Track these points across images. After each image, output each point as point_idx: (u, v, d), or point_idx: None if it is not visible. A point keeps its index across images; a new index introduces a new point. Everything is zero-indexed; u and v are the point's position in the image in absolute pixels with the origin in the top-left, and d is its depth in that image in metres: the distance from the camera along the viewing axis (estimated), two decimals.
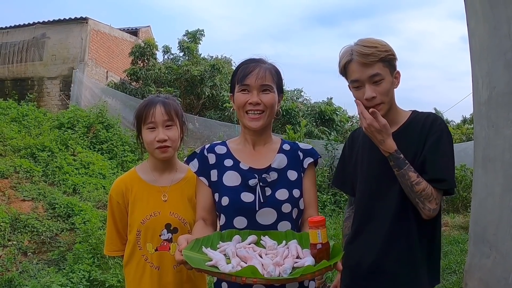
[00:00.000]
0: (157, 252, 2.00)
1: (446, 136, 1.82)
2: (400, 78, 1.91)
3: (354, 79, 1.84)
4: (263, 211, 1.74)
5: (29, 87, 15.38)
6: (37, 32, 15.72)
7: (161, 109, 2.01)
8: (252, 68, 1.80)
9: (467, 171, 8.83)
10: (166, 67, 15.95)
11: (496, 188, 1.70)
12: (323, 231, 1.44)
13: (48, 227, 5.78)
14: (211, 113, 15.38)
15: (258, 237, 1.64)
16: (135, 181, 2.10)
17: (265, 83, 1.79)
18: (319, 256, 1.43)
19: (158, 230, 2.01)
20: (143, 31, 19.89)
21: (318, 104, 15.89)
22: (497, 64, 1.67)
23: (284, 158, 1.87)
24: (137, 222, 2.02)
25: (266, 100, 1.79)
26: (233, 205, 1.76)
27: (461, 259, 5.62)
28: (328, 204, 8.78)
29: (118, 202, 2.07)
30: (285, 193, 1.77)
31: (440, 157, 1.79)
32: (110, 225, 2.12)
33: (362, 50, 1.80)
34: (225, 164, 1.85)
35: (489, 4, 1.72)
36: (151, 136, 2.00)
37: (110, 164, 8.90)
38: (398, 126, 1.90)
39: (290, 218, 1.77)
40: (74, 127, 9.74)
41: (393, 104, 1.91)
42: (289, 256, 1.48)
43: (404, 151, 1.82)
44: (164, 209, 2.03)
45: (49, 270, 4.84)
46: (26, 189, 6.64)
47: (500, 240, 1.65)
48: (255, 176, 1.79)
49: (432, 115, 1.90)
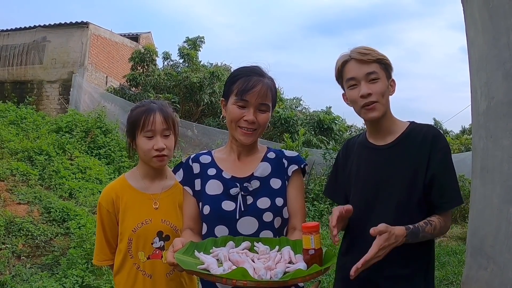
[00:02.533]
0: (149, 260, 1.98)
1: (450, 154, 1.85)
2: (395, 87, 1.92)
3: (350, 77, 1.85)
4: (243, 219, 1.73)
5: (29, 90, 15.38)
6: (38, 36, 15.74)
7: (161, 117, 1.99)
8: (254, 84, 1.75)
9: (466, 182, 8.83)
10: (165, 73, 15.99)
11: (494, 199, 1.68)
12: (316, 236, 1.44)
13: (43, 231, 5.75)
14: (209, 120, 15.39)
15: (251, 243, 1.64)
16: (125, 188, 2.06)
17: (265, 102, 1.78)
18: (312, 262, 1.43)
19: (150, 238, 1.98)
20: (143, 37, 19.94)
21: (317, 113, 15.94)
22: (496, 74, 1.66)
23: (268, 166, 1.85)
24: (128, 231, 1.99)
25: (261, 119, 1.78)
26: (214, 213, 1.75)
27: (458, 270, 5.60)
28: (325, 214, 8.76)
29: (108, 211, 2.04)
30: (266, 201, 1.76)
31: (452, 183, 1.81)
32: (100, 234, 2.07)
33: (360, 50, 1.84)
34: (209, 173, 1.84)
35: (488, 14, 1.71)
36: (149, 144, 1.97)
37: (107, 170, 8.88)
38: (395, 137, 1.89)
39: (272, 227, 1.75)
40: (72, 131, 9.73)
41: (388, 112, 1.90)
42: (281, 261, 1.48)
43: (402, 162, 1.82)
44: (156, 216, 2.00)
45: (42, 275, 4.82)
46: (22, 192, 6.61)
47: (497, 252, 1.63)
48: (237, 185, 1.77)
49: (432, 128, 1.89)
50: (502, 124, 1.62)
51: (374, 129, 1.94)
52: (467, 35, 1.99)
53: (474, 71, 1.92)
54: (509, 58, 1.56)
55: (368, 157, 1.94)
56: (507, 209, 1.57)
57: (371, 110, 1.83)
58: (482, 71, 1.80)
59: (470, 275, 1.87)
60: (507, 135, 1.58)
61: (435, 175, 1.79)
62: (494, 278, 1.65)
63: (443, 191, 1.78)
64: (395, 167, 1.84)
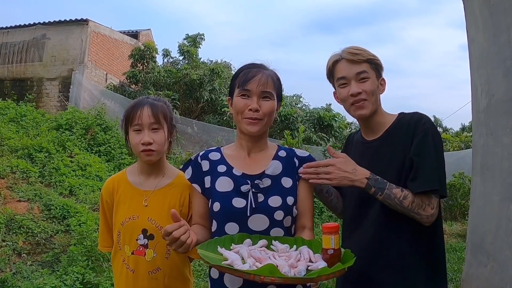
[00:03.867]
0: (133, 255, 1.98)
1: (432, 136, 1.77)
2: (385, 86, 1.95)
3: (341, 77, 1.89)
4: (254, 217, 1.72)
5: (28, 87, 15.37)
6: (37, 33, 15.72)
7: (148, 111, 1.96)
8: (254, 74, 1.78)
9: (466, 179, 8.83)
10: (165, 70, 15.95)
11: (494, 196, 1.68)
12: (336, 237, 1.49)
13: (43, 229, 5.76)
14: (209, 117, 15.38)
15: (268, 242, 1.65)
16: (122, 182, 2.09)
17: (266, 89, 1.78)
18: (331, 261, 1.47)
19: (135, 234, 1.98)
20: (143, 34, 19.90)
21: (316, 110, 15.91)
22: (496, 72, 1.66)
23: (279, 164, 1.85)
24: (118, 223, 2.02)
25: (266, 107, 1.78)
26: (225, 210, 1.74)
27: (458, 267, 5.61)
28: (325, 211, 8.75)
29: (107, 201, 2.09)
30: (278, 200, 1.75)
31: (427, 165, 1.73)
32: (102, 222, 2.15)
33: (351, 50, 1.87)
34: (218, 170, 1.83)
35: (489, 11, 1.71)
36: (137, 138, 1.97)
37: (107, 167, 8.89)
38: (384, 130, 1.91)
39: (282, 225, 1.75)
40: (72, 128, 9.74)
41: (379, 109, 1.93)
42: (301, 260, 1.50)
43: (390, 154, 1.83)
44: (143, 213, 1.99)
45: (42, 272, 4.82)
46: (22, 189, 6.62)
47: (497, 249, 1.64)
48: (248, 182, 1.77)
49: (416, 115, 1.86)
50: (503, 121, 1.62)
51: (365, 125, 1.98)
52: (468, 32, 1.99)
53: (475, 68, 1.92)
54: (509, 55, 1.56)
55: (361, 152, 1.97)
56: (507, 206, 1.57)
57: (360, 108, 1.86)
58: (482, 69, 1.80)
59: (470, 272, 1.87)
60: (508, 133, 1.58)
61: (412, 157, 1.75)
62: (494, 275, 1.65)
63: (416, 173, 1.73)
64: (384, 160, 1.85)
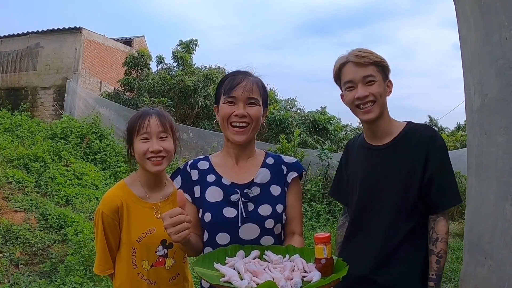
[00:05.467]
0: (153, 268, 1.97)
1: (447, 154, 1.87)
2: (392, 88, 1.95)
3: (348, 80, 1.88)
4: (245, 226, 1.73)
5: (23, 97, 15.32)
6: (31, 42, 15.68)
7: (157, 120, 1.96)
8: (240, 80, 1.78)
9: (462, 178, 8.84)
10: (159, 77, 15.94)
11: (490, 196, 1.69)
12: (328, 247, 1.50)
13: (40, 239, 5.71)
14: (205, 123, 15.36)
15: (261, 252, 1.65)
16: (129, 197, 2.01)
17: (252, 96, 1.78)
18: (324, 271, 1.48)
19: (154, 247, 1.97)
20: (137, 41, 19.90)
21: (312, 113, 15.94)
22: (489, 71, 1.67)
23: (267, 172, 1.85)
24: (132, 240, 1.96)
25: (252, 113, 1.77)
26: (216, 221, 1.74)
27: (456, 266, 5.61)
28: (322, 214, 8.76)
29: (112, 219, 1.96)
30: (268, 208, 1.76)
31: (449, 181, 1.83)
32: (102, 243, 1.98)
33: (357, 53, 1.87)
34: (208, 180, 1.83)
35: (480, 11, 1.72)
36: (144, 146, 1.94)
37: (103, 175, 8.85)
38: (393, 137, 1.91)
39: (273, 233, 1.76)
40: (67, 137, 9.69)
41: (385, 113, 1.92)
42: (295, 270, 1.51)
43: (399, 162, 1.85)
44: (159, 225, 1.94)
45: (40, 282, 4.79)
46: (18, 200, 6.57)
47: (495, 249, 1.64)
48: (237, 192, 1.77)
49: (428, 128, 1.93)
50: (496, 120, 1.63)
51: (371, 130, 1.96)
52: (460, 32, 2.00)
53: (467, 68, 1.93)
54: (501, 55, 1.57)
55: (366, 157, 1.96)
56: (503, 205, 1.57)
57: (367, 112, 1.86)
58: (475, 68, 1.81)
59: (468, 271, 1.88)
60: (502, 132, 1.59)
61: (433, 175, 1.80)
62: (492, 274, 1.65)
63: (442, 191, 1.80)
64: (392, 168, 1.86)
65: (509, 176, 1.54)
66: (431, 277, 1.76)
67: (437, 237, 1.78)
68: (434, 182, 1.80)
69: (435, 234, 1.79)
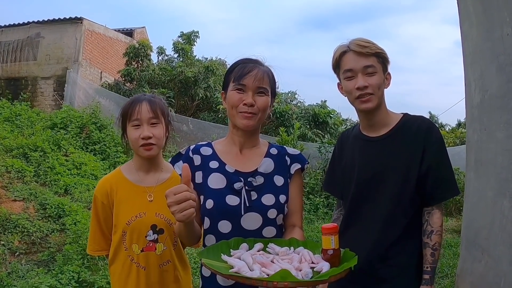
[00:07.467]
0: (143, 252, 1.98)
1: (444, 146, 1.87)
2: (391, 80, 1.94)
3: (348, 69, 1.87)
4: (248, 215, 1.71)
5: (23, 86, 15.27)
6: (32, 32, 15.62)
7: (147, 106, 1.99)
8: (250, 69, 1.76)
9: (461, 175, 8.85)
10: (160, 68, 15.90)
11: (488, 192, 1.69)
12: (336, 237, 1.49)
13: (39, 228, 5.73)
14: (204, 114, 15.34)
15: (264, 245, 1.63)
16: (120, 181, 2.06)
17: (262, 85, 1.76)
18: (332, 261, 1.47)
19: (144, 231, 1.98)
20: (138, 32, 19.82)
21: (312, 107, 15.91)
22: (490, 67, 1.66)
23: (271, 162, 1.84)
24: (122, 223, 1.99)
25: (261, 102, 1.75)
26: (218, 208, 1.71)
27: (453, 262, 5.62)
28: (320, 207, 8.78)
29: (102, 203, 2.04)
30: (271, 198, 1.74)
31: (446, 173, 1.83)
32: (94, 225, 2.08)
33: (359, 42, 1.85)
34: (211, 166, 1.80)
35: (482, 7, 1.71)
36: (136, 133, 1.98)
37: (102, 165, 8.85)
38: (389, 128, 1.90)
39: (275, 223, 1.74)
40: (67, 127, 9.69)
41: (383, 104, 1.92)
42: (303, 261, 1.50)
43: (396, 153, 1.84)
44: (150, 210, 2.00)
45: (38, 271, 4.80)
46: (17, 189, 6.58)
47: (492, 245, 1.64)
48: (241, 180, 1.75)
49: (425, 120, 1.91)
50: (496, 117, 1.63)
51: (367, 121, 1.96)
52: (461, 28, 1.99)
53: (468, 64, 1.92)
54: (503, 51, 1.56)
55: (362, 149, 1.95)
56: (501, 202, 1.58)
57: (365, 102, 1.85)
58: (476, 64, 1.81)
59: (465, 267, 1.88)
60: (501, 128, 1.59)
61: (430, 167, 1.80)
62: (488, 270, 1.66)
63: (440, 183, 1.80)
64: (388, 159, 1.86)
65: (508, 173, 1.54)
66: (426, 270, 1.76)
67: (432, 230, 1.78)
68: (430, 173, 1.80)
69: (429, 226, 1.79)
